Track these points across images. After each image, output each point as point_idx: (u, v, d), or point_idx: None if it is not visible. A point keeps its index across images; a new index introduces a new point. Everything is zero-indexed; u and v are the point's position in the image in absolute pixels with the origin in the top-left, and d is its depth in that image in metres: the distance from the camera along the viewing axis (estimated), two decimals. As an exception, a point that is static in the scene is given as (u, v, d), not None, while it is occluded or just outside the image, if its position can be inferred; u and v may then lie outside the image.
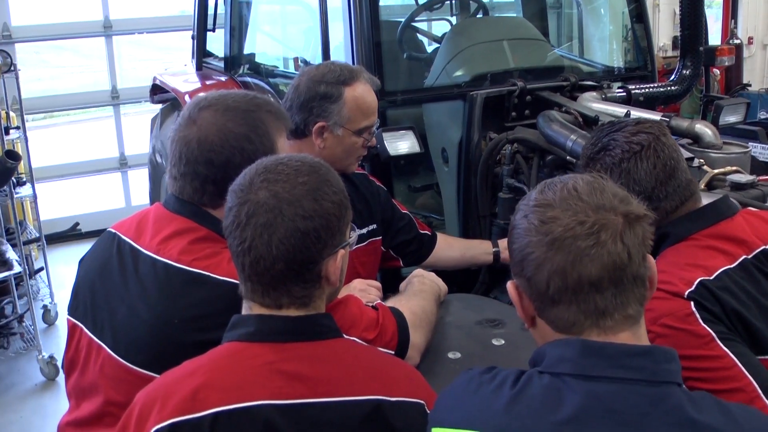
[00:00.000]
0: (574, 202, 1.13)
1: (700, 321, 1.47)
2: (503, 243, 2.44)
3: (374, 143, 2.26)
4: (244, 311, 1.33)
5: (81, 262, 1.75)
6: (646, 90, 3.04)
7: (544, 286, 1.12)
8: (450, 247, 2.54)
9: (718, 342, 1.46)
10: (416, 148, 2.70)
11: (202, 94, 1.68)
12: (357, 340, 1.49)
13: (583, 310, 1.11)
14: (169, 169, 1.64)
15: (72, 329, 1.66)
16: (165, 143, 4.11)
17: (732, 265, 1.57)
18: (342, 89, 2.10)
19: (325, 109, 2.10)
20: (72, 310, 1.68)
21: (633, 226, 1.12)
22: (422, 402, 1.28)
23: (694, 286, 1.51)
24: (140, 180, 5.77)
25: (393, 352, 1.59)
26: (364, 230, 2.27)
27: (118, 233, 1.66)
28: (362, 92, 2.13)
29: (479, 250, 2.53)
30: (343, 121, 2.10)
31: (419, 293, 1.91)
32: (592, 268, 1.09)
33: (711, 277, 1.53)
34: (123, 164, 6.53)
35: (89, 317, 1.61)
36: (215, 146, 1.57)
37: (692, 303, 1.49)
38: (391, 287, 2.00)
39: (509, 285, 1.22)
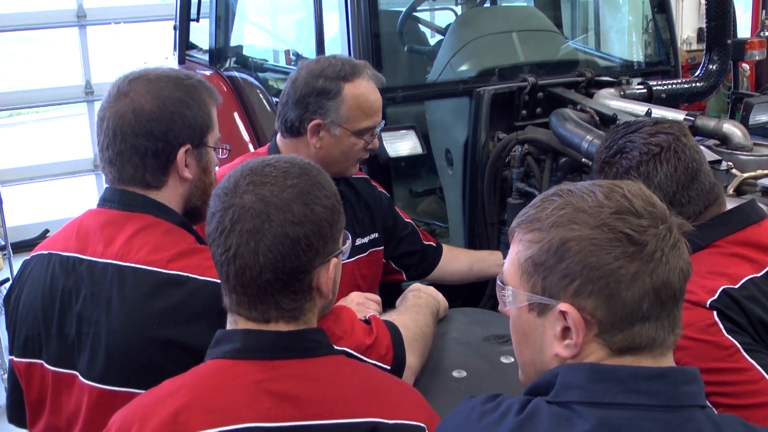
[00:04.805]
0: (650, 209, 1.13)
1: (724, 331, 1.49)
2: None
3: (376, 145, 2.24)
4: (229, 326, 1.33)
5: (7, 299, 1.69)
6: (669, 86, 3.05)
7: (635, 302, 1.09)
8: (457, 260, 2.54)
9: (744, 354, 1.47)
10: (418, 150, 2.71)
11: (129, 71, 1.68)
12: (351, 351, 1.50)
13: (664, 325, 1.12)
14: (101, 154, 1.62)
15: (28, 370, 1.61)
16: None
17: (759, 274, 1.59)
18: (342, 85, 2.08)
19: (321, 105, 2.08)
20: (20, 350, 1.62)
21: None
22: (423, 425, 1.28)
23: (717, 295, 1.52)
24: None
25: (389, 368, 1.59)
26: (366, 239, 2.27)
27: (54, 252, 1.62)
28: (364, 90, 2.12)
29: (489, 262, 2.53)
30: (341, 120, 2.09)
31: (413, 308, 1.90)
32: (675, 280, 1.11)
33: (735, 286, 1.54)
34: (97, 166, 6.53)
35: (47, 351, 1.58)
36: (153, 114, 1.57)
37: (715, 312, 1.51)
38: (391, 304, 2.00)
39: (566, 308, 1.11)
